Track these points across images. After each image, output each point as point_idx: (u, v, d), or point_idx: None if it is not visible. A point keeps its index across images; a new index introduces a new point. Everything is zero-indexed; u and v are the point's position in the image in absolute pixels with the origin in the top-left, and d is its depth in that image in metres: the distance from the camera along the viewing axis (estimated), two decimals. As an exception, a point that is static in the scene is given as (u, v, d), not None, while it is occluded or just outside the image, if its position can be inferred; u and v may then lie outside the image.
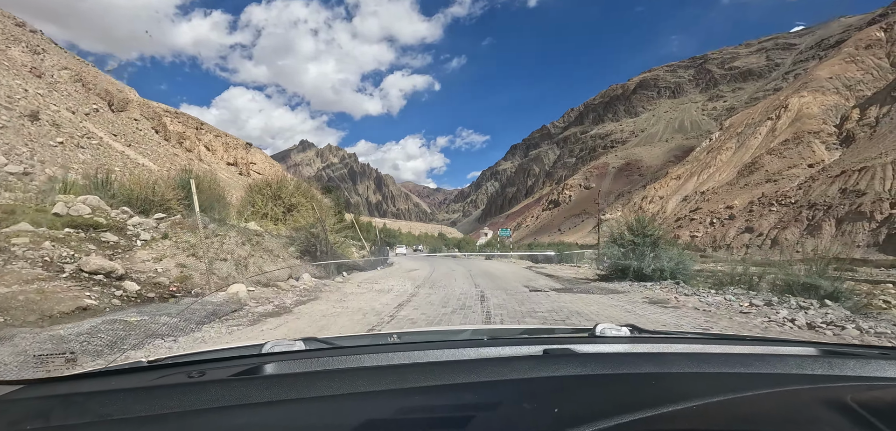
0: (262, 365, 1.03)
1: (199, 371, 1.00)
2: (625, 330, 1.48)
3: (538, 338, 1.52)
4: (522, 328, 2.22)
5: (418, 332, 2.25)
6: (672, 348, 1.32)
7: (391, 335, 1.65)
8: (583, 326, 1.83)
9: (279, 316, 6.56)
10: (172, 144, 45.50)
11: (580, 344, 1.27)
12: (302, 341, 1.37)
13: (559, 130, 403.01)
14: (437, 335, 2.05)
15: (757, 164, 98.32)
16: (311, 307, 7.48)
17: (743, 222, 74.78)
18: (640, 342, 1.43)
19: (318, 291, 9.47)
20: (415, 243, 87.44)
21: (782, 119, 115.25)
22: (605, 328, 1.47)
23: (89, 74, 40.18)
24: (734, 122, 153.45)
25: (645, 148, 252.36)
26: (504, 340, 1.53)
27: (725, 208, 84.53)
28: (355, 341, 1.72)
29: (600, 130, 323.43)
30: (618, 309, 8.12)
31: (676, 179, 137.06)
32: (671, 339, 1.56)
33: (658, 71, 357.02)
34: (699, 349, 1.30)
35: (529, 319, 6.89)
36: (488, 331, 2.14)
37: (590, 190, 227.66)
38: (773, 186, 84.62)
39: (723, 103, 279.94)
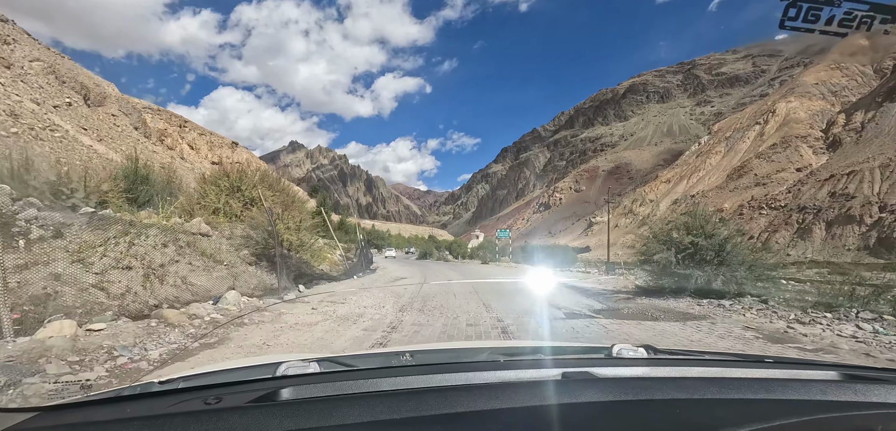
0: (278, 390, 1.02)
1: (216, 397, 0.99)
2: (642, 351, 1.50)
3: (556, 359, 1.48)
4: (538, 346, 2.10)
5: (432, 350, 2.09)
6: (693, 372, 1.30)
7: (404, 353, 1.65)
8: (596, 344, 1.82)
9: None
10: (153, 141, 43.76)
11: (599, 367, 1.24)
12: (316, 361, 1.36)
13: (549, 134, 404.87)
14: (451, 353, 1.96)
15: (746, 167, 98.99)
16: (194, 360, 4.66)
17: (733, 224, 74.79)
18: (659, 364, 1.40)
19: (242, 320, 6.63)
20: (404, 244, 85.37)
21: (770, 124, 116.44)
22: (621, 349, 1.49)
23: (64, 67, 38.41)
24: (723, 126, 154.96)
25: (634, 151, 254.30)
26: (522, 362, 1.50)
27: (716, 211, 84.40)
28: (369, 361, 1.68)
29: (590, 134, 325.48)
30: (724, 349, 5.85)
31: (666, 182, 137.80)
32: (690, 361, 1.54)
33: (647, 76, 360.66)
34: (721, 373, 1.27)
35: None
36: (504, 350, 2.02)
37: (580, 193, 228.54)
38: (763, 189, 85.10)
39: (711, 108, 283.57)
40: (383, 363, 1.59)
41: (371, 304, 8.78)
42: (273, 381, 1.18)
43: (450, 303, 9.19)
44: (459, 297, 10.35)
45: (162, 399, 1.04)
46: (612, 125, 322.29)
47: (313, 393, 1.03)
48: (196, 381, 1.22)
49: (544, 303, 10.00)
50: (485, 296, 10.62)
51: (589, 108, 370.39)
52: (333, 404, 0.89)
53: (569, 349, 1.98)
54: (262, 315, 7.04)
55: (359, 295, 10.25)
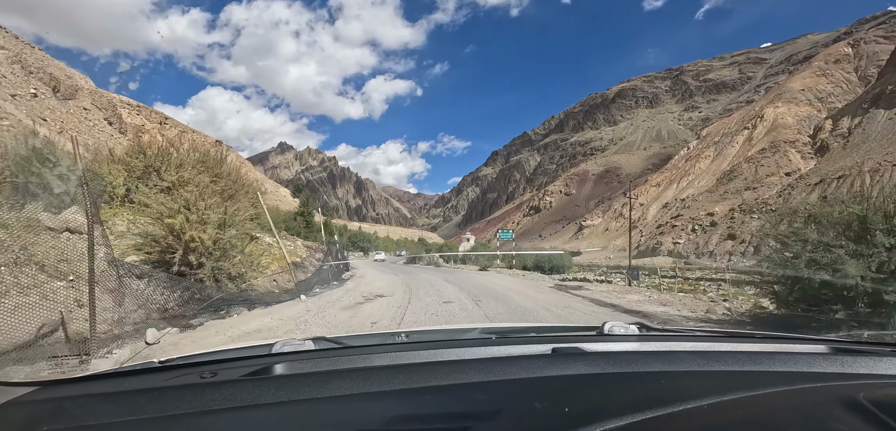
0: (272, 365, 1.03)
1: (211, 372, 1.00)
2: (634, 328, 1.49)
3: (547, 337, 1.50)
4: (531, 326, 2.06)
5: (427, 331, 2.07)
6: (681, 346, 1.32)
7: (400, 335, 1.66)
8: (588, 323, 1.79)
9: None
10: (129, 137, 41.60)
11: (589, 343, 1.27)
12: (311, 340, 1.38)
13: (540, 137, 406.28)
14: (445, 333, 1.98)
15: (735, 172, 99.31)
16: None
17: (725, 228, 74.70)
18: (649, 340, 1.42)
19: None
20: (393, 247, 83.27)
21: (758, 129, 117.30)
22: (613, 327, 1.48)
23: (33, 58, 36.21)
24: (711, 131, 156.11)
25: (624, 155, 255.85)
26: (513, 339, 1.51)
27: (706, 215, 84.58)
28: (364, 340, 1.71)
29: (580, 138, 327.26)
30: None
31: (656, 186, 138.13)
32: (680, 337, 1.55)
33: (636, 81, 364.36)
34: (709, 347, 1.29)
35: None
36: (497, 330, 1.99)
37: (570, 196, 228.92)
38: (753, 193, 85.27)
39: (698, 114, 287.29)
40: (378, 342, 1.60)
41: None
42: (268, 357, 1.19)
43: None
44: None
45: (160, 375, 1.06)
46: (601, 129, 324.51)
47: (307, 369, 1.04)
48: (194, 359, 1.23)
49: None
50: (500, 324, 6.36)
51: (579, 112, 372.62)
52: (326, 378, 0.90)
53: (561, 328, 1.89)
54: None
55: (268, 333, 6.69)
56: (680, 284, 25.30)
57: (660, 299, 12.72)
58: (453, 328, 2.19)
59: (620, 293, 14.34)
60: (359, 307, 9.85)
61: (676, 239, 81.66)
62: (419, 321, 8.07)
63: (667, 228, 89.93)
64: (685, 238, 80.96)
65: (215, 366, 1.08)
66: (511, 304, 10.53)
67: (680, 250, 77.44)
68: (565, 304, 10.89)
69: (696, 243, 76.27)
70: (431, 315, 8.77)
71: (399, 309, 9.40)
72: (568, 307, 10.43)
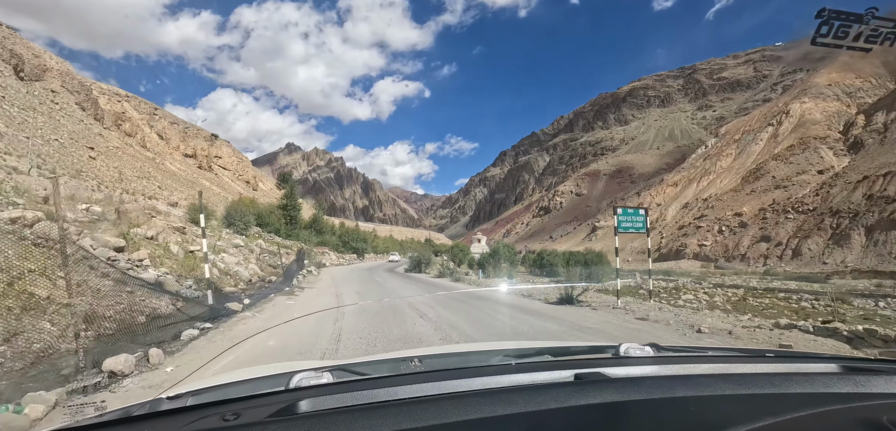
0: (296, 403, 0.99)
1: (234, 413, 0.96)
2: (648, 349, 1.52)
3: (566, 361, 1.51)
4: (544, 346, 2.02)
5: (440, 355, 1.99)
6: (702, 368, 1.32)
7: (412, 359, 1.62)
8: (602, 343, 1.85)
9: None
10: (105, 124, 37.73)
11: (609, 367, 1.27)
12: (328, 371, 1.33)
13: (549, 137, 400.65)
14: (461, 358, 1.94)
15: (762, 170, 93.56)
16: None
17: (757, 230, 69.22)
18: (667, 362, 1.42)
19: None
20: (396, 247, 78.24)
21: (784, 125, 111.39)
22: (629, 348, 1.51)
23: (-2, 35, 32.36)
24: (730, 129, 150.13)
25: (636, 155, 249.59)
26: (534, 364, 1.52)
27: (734, 215, 79.09)
28: (379, 368, 1.65)
29: (591, 138, 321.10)
30: None
31: (673, 186, 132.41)
32: (696, 358, 1.55)
33: (647, 80, 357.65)
34: (727, 369, 1.32)
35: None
36: (513, 351, 1.99)
37: (581, 196, 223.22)
38: (784, 192, 79.60)
39: (712, 113, 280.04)
40: (393, 369, 1.57)
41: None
42: (289, 393, 1.15)
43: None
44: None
45: (176, 418, 1.00)
46: (612, 129, 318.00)
47: (331, 404, 1.01)
48: (208, 396, 1.18)
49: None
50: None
51: (589, 112, 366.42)
52: (353, 415, 0.88)
53: (578, 350, 1.92)
54: None
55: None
56: (731, 298, 20.27)
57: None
58: (468, 351, 2.09)
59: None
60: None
61: (702, 241, 76.30)
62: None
63: (690, 229, 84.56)
64: (712, 240, 75.56)
65: (235, 406, 1.03)
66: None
67: (707, 253, 72.08)
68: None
69: (725, 246, 70.84)
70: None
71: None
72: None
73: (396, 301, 11.40)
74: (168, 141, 51.26)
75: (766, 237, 65.44)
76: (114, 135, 38.04)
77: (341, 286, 16.94)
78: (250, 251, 17.13)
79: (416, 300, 11.32)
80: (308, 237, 36.42)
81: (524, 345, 2.38)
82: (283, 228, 32.54)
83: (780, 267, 56.98)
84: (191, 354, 6.02)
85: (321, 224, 43.98)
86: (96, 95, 39.33)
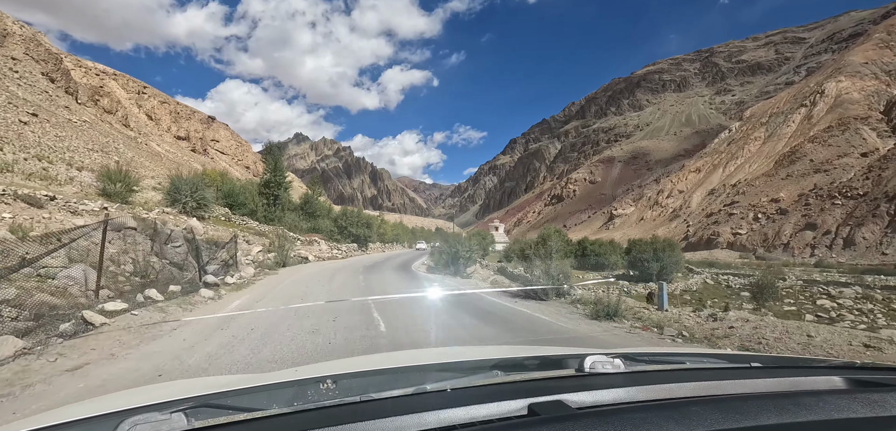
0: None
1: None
2: (618, 363, 1.27)
3: (516, 383, 1.24)
4: (491, 358, 1.59)
5: (362, 374, 1.50)
6: (683, 389, 1.13)
7: (324, 380, 1.22)
8: (563, 351, 1.52)
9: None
10: (79, 100, 33.61)
11: (571, 392, 1.05)
12: (182, 413, 0.94)
13: (560, 124, 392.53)
14: (387, 377, 1.49)
15: (798, 153, 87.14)
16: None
17: (799, 217, 63.44)
18: (644, 381, 1.20)
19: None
20: (407, 236, 72.76)
21: (819, 105, 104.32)
22: (595, 362, 1.24)
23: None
24: (756, 111, 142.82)
25: (652, 141, 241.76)
26: (474, 392, 1.18)
27: (770, 201, 73.21)
28: (270, 397, 1.19)
29: (603, 124, 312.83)
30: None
31: (696, 172, 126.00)
32: (675, 374, 1.32)
33: (662, 64, 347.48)
34: (716, 389, 1.15)
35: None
36: (452, 366, 1.60)
37: (595, 184, 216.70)
38: (826, 176, 73.43)
39: (732, 97, 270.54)
40: (294, 397, 1.18)
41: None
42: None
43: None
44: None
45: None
46: (626, 115, 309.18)
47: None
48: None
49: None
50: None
51: (601, 97, 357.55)
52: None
53: (530, 360, 1.56)
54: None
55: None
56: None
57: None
58: (396, 367, 1.64)
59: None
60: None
61: (736, 229, 70.62)
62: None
63: (721, 217, 78.83)
64: (747, 229, 69.87)
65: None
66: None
67: (743, 243, 66.49)
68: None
69: (763, 235, 65.16)
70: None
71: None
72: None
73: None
74: (158, 122, 47.13)
75: (812, 225, 59.70)
76: (89, 110, 33.93)
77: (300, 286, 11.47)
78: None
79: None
80: (295, 222, 30.92)
81: (466, 355, 1.84)
82: (261, 209, 27.63)
83: (830, 258, 51.44)
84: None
85: (315, 206, 37.95)
86: (68, 67, 35.23)
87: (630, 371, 1.26)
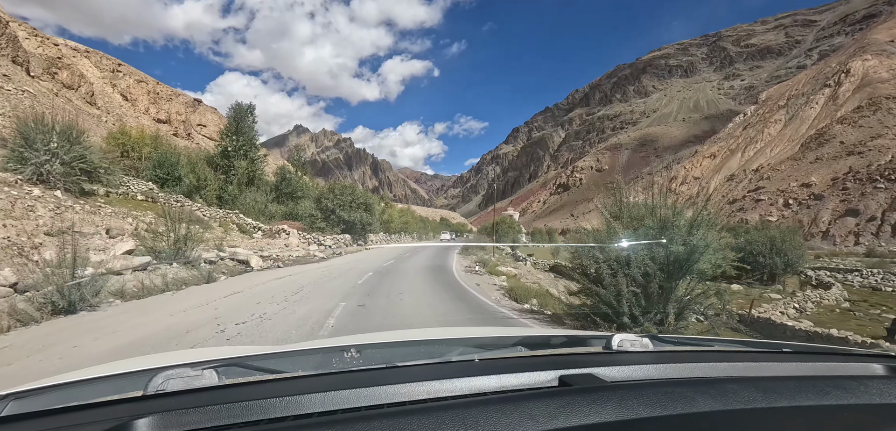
0: (129, 424, 0.69)
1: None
2: (646, 341, 1.25)
3: (545, 357, 1.22)
4: (517, 335, 1.63)
5: (385, 344, 1.54)
6: (716, 369, 1.08)
7: (349, 350, 1.24)
8: (588, 332, 1.49)
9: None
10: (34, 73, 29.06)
11: (602, 366, 1.01)
12: (213, 368, 0.95)
13: (563, 112, 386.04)
14: (411, 349, 1.51)
15: (826, 135, 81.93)
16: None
17: (837, 202, 58.56)
18: (674, 359, 1.17)
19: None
20: (417, 227, 67.96)
21: (844, 85, 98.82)
22: (623, 342, 1.23)
23: None
24: (772, 94, 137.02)
25: (660, 128, 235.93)
26: (505, 361, 1.16)
27: (801, 186, 68.24)
28: (297, 363, 1.25)
29: (609, 111, 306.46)
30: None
31: (711, 157, 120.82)
32: (705, 354, 1.29)
33: (668, 50, 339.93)
34: (752, 370, 1.10)
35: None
36: (478, 340, 1.58)
37: (603, 172, 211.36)
38: (861, 159, 68.36)
39: (741, 82, 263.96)
40: (320, 364, 1.19)
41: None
42: (133, 404, 0.83)
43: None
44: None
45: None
46: (632, 102, 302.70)
47: (192, 425, 0.70)
48: (26, 400, 0.86)
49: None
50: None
51: (606, 84, 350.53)
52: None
53: (559, 340, 1.58)
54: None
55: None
56: None
57: None
58: (421, 339, 1.67)
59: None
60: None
61: (766, 216, 65.72)
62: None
63: (747, 203, 73.95)
64: (777, 215, 64.98)
65: (43, 423, 0.75)
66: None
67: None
68: None
69: (798, 221, 60.28)
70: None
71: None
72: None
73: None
74: (134, 102, 42.43)
75: (853, 211, 54.82)
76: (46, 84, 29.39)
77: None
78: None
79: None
80: (260, 204, 23.21)
81: (490, 333, 1.86)
82: (214, 185, 21.45)
83: (879, 246, 46.63)
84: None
85: (294, 184, 28.73)
86: (19, 34, 30.57)
87: (659, 351, 1.22)
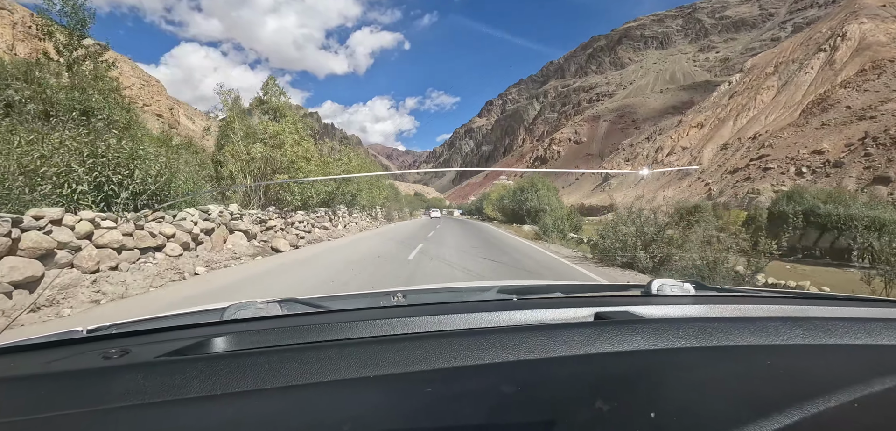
0: (210, 340, 0.76)
1: (123, 349, 0.75)
2: (689, 286, 1.22)
3: (582, 297, 1.24)
4: (557, 284, 1.69)
5: (430, 289, 1.68)
6: (762, 310, 1.05)
7: (395, 294, 1.37)
8: (630, 282, 1.64)
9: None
10: None
11: (640, 305, 1.01)
12: (278, 303, 1.09)
13: (538, 84, 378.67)
14: (453, 294, 1.65)
15: (829, 100, 76.64)
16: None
17: (861, 169, 52.65)
18: (718, 301, 1.11)
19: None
20: (392, 200, 58.71)
21: (841, 50, 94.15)
22: (663, 285, 1.20)
23: None
24: (758, 62, 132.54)
25: (637, 99, 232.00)
26: (540, 301, 1.21)
27: (812, 153, 62.39)
28: (348, 303, 1.37)
29: (585, 83, 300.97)
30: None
31: (698, 127, 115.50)
32: (751, 298, 1.24)
33: (643, 20, 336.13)
34: (802, 311, 1.04)
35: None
36: (517, 288, 1.61)
37: (581, 144, 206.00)
38: (873, 123, 62.98)
39: (716, 54, 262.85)
40: (367, 304, 1.31)
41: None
42: (211, 327, 0.93)
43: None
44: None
45: (54, 351, 0.79)
46: (607, 73, 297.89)
47: (260, 343, 0.78)
48: (130, 327, 0.96)
49: None
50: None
51: (581, 55, 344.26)
52: (282, 358, 0.65)
53: (596, 288, 1.60)
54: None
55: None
56: None
57: None
58: (463, 286, 1.83)
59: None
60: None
61: (778, 186, 59.52)
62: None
63: (752, 172, 67.91)
64: (790, 183, 58.77)
65: (136, 340, 0.83)
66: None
67: (793, 202, 55.45)
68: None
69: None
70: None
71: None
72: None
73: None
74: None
75: (883, 178, 48.89)
76: None
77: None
78: None
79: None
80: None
81: (528, 282, 1.93)
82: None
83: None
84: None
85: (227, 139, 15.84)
86: None
87: (701, 294, 1.17)
